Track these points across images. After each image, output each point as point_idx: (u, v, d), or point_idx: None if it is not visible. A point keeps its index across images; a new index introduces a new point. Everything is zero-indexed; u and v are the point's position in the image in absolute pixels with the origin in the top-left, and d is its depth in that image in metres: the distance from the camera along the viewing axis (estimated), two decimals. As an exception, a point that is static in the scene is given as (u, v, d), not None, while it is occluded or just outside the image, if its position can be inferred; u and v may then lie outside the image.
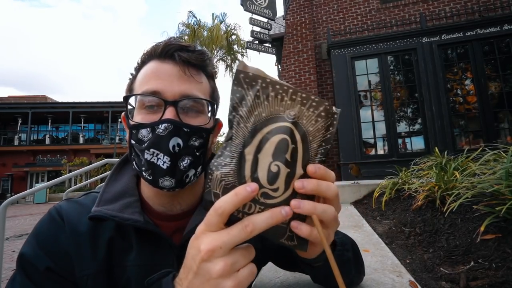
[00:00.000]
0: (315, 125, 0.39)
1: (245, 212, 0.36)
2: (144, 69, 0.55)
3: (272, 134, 0.37)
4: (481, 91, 4.88)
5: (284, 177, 0.36)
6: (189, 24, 15.05)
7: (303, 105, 0.38)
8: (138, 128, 0.51)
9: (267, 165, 0.36)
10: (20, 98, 26.40)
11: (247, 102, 0.37)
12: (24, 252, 0.50)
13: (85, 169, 3.14)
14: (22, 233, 5.86)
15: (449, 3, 5.77)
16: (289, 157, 0.37)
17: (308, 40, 6.26)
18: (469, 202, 1.37)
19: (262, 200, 0.36)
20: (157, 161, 0.49)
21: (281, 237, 0.39)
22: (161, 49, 0.54)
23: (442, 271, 1.05)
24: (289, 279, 0.84)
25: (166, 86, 0.51)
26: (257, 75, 0.37)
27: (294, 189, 0.37)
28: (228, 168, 0.36)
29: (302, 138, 0.38)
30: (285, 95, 0.37)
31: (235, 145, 0.37)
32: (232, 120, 0.37)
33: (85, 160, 17.49)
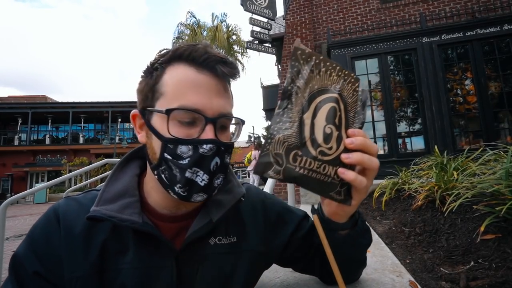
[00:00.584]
0: (352, 98, 0.48)
1: (306, 168, 0.44)
2: (176, 72, 0.51)
3: (323, 103, 0.44)
4: (481, 91, 4.88)
5: (335, 138, 0.45)
6: (188, 24, 15.05)
7: (345, 81, 0.47)
8: (177, 143, 0.49)
9: (322, 128, 0.44)
10: (20, 98, 26.40)
11: (303, 75, 0.44)
12: (17, 253, 0.51)
13: (85, 169, 3.14)
14: (22, 233, 5.86)
15: (449, 3, 5.77)
16: (337, 122, 0.45)
17: (308, 40, 6.26)
18: (469, 202, 1.37)
19: (320, 157, 0.44)
20: (195, 178, 0.49)
21: (331, 191, 0.47)
22: (202, 59, 0.50)
23: (442, 271, 1.05)
24: (289, 279, 0.84)
25: (206, 103, 0.50)
26: (312, 53, 0.44)
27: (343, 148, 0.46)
28: (290, 131, 0.43)
29: (344, 107, 0.47)
30: (333, 71, 0.46)
31: (294, 112, 0.44)
32: (291, 90, 0.44)
33: (85, 160, 17.50)
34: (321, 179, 0.45)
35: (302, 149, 0.44)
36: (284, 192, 5.47)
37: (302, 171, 0.43)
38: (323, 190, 0.47)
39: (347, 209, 0.54)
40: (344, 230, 0.58)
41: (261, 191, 0.73)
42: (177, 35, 15.14)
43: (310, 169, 0.44)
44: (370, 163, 0.47)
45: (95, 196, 0.55)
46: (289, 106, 0.44)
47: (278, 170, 0.43)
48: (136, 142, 21.28)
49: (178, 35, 15.12)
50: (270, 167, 0.43)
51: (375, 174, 0.48)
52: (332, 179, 0.46)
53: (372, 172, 0.48)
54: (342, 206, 0.52)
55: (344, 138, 0.46)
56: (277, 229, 0.67)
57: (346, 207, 0.52)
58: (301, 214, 0.71)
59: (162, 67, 0.52)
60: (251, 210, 0.65)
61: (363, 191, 0.50)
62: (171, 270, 0.52)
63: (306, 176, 0.44)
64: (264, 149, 0.43)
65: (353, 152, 0.46)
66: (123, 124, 23.63)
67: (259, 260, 0.63)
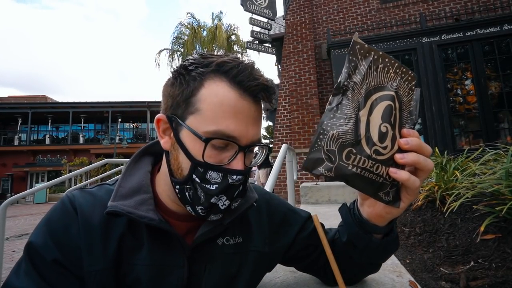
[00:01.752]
0: (408, 97, 0.46)
1: (359, 166, 0.43)
2: (216, 92, 0.47)
3: (380, 100, 0.43)
4: (481, 91, 4.88)
5: (390, 137, 0.43)
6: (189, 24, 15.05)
7: (402, 78, 0.45)
8: (208, 169, 0.48)
9: (378, 126, 0.42)
10: (20, 98, 26.38)
11: (360, 71, 0.42)
12: (33, 241, 0.49)
13: (85, 169, 3.15)
14: (22, 233, 5.86)
15: (449, 3, 5.77)
16: (392, 121, 0.43)
17: (308, 40, 6.26)
18: (469, 202, 1.37)
19: (374, 156, 0.43)
20: (217, 202, 0.49)
21: (381, 191, 0.45)
22: (248, 85, 0.47)
23: (442, 271, 1.05)
24: (289, 279, 0.84)
25: (242, 131, 0.48)
26: (370, 48, 0.43)
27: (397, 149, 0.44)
28: (346, 128, 0.42)
29: (400, 106, 0.45)
30: (391, 68, 0.44)
31: (350, 108, 0.42)
32: (347, 85, 0.43)
33: (85, 160, 17.49)
34: (372, 178, 0.44)
35: (356, 147, 0.42)
36: (284, 192, 5.47)
37: (355, 169, 0.42)
38: (373, 190, 0.45)
39: (393, 212, 0.52)
40: (379, 234, 0.57)
41: (266, 192, 0.73)
42: (177, 35, 15.15)
43: (363, 168, 0.43)
44: (426, 164, 0.45)
45: (109, 190, 0.55)
46: (344, 102, 0.43)
47: (329, 167, 0.42)
48: (136, 142, 21.38)
49: (178, 35, 15.13)
50: (321, 164, 0.42)
51: (427, 176, 0.47)
52: (384, 179, 0.45)
53: (425, 173, 0.47)
54: (389, 208, 0.50)
55: (398, 138, 0.45)
56: (281, 230, 0.67)
57: (394, 210, 0.50)
58: (305, 215, 0.71)
59: (201, 78, 0.48)
60: (257, 211, 0.65)
61: (414, 193, 0.48)
62: (183, 269, 0.52)
63: (358, 175, 0.43)
64: (315, 145, 0.42)
65: (408, 152, 0.45)
66: (123, 124, 23.60)
67: (263, 260, 0.63)
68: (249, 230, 0.62)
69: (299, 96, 5.96)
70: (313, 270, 0.73)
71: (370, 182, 0.44)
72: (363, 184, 0.44)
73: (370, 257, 0.61)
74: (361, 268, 0.66)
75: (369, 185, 0.44)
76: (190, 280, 0.53)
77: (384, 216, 0.53)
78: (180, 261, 0.53)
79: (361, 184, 0.44)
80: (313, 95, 5.89)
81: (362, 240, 0.57)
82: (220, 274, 0.56)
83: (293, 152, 3.64)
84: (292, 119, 5.93)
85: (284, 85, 6.32)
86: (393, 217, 0.54)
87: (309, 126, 5.75)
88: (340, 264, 0.66)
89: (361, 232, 0.56)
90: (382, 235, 0.57)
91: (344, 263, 0.64)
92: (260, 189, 0.73)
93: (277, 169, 2.13)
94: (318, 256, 0.68)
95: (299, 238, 0.67)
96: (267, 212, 0.67)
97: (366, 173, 0.43)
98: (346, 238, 0.60)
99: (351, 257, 0.62)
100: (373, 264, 0.66)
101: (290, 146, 3.30)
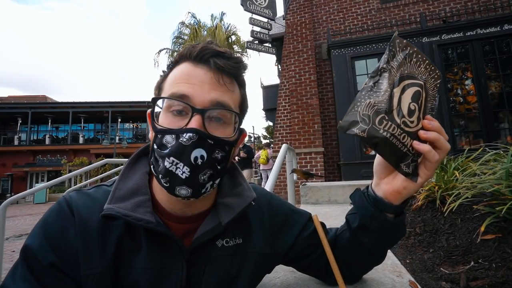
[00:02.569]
0: (432, 92, 0.54)
1: (389, 132, 0.48)
2: (176, 70, 0.54)
3: (411, 85, 0.50)
4: (481, 91, 4.88)
5: (417, 115, 0.50)
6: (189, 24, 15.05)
7: (429, 75, 0.53)
8: (164, 133, 0.49)
9: (408, 103, 0.50)
10: (20, 98, 26.37)
11: (397, 59, 0.50)
12: (29, 244, 0.48)
13: (85, 169, 3.15)
14: (22, 233, 5.86)
15: (449, 3, 5.77)
16: (420, 104, 0.51)
17: (308, 40, 6.26)
18: (469, 202, 1.37)
19: (403, 126, 0.49)
20: (175, 170, 0.47)
21: (402, 162, 0.51)
22: (196, 53, 0.52)
23: (442, 271, 1.05)
24: (289, 279, 0.84)
25: (196, 92, 0.50)
26: (408, 43, 0.51)
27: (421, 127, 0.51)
28: (382, 98, 0.49)
29: (426, 96, 0.52)
30: (422, 64, 0.52)
31: (386, 85, 0.49)
32: (385, 68, 0.50)
33: (85, 160, 17.48)
34: (398, 146, 0.49)
35: (389, 115, 0.48)
36: (284, 192, 5.47)
37: (385, 134, 0.48)
38: (396, 159, 0.50)
39: (410, 187, 0.54)
40: (391, 214, 0.58)
41: (267, 192, 0.72)
42: (177, 35, 15.15)
43: (392, 133, 0.48)
44: (444, 143, 0.51)
45: (106, 191, 0.54)
46: (381, 81, 0.49)
47: (363, 128, 0.48)
48: (136, 142, 21.36)
49: (178, 35, 15.13)
50: (356, 126, 0.48)
51: (444, 157, 0.52)
52: (408, 150, 0.50)
53: (443, 153, 0.51)
54: (407, 183, 0.53)
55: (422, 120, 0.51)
56: (282, 231, 0.66)
57: (411, 184, 0.53)
58: (306, 216, 0.71)
59: (169, 68, 0.56)
60: (257, 211, 0.64)
61: (432, 168, 0.52)
62: (181, 272, 0.52)
63: (387, 139, 0.48)
64: (352, 110, 0.49)
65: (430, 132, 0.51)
66: (123, 124, 23.60)
67: (264, 261, 0.63)
68: (250, 231, 0.62)
69: (299, 96, 5.96)
70: (314, 270, 0.73)
71: (395, 149, 0.49)
72: (389, 150, 0.50)
73: (383, 239, 0.61)
74: (369, 257, 0.66)
75: (393, 153, 0.50)
76: (189, 282, 0.53)
77: (401, 192, 0.55)
78: (178, 264, 0.52)
79: (387, 151, 0.50)
80: (313, 95, 5.89)
81: (376, 219, 0.57)
82: (219, 276, 0.55)
83: (293, 152, 3.63)
84: (292, 119, 5.92)
85: (284, 85, 6.32)
86: (409, 193, 0.55)
87: (309, 126, 5.74)
88: (346, 258, 0.65)
89: (377, 212, 0.57)
90: (395, 215, 0.58)
91: (351, 254, 0.64)
92: (261, 190, 0.72)
93: (277, 169, 2.13)
94: (318, 256, 0.67)
95: (300, 238, 0.67)
96: (268, 212, 0.66)
97: (394, 139, 0.49)
98: (358, 223, 0.60)
99: (362, 243, 0.61)
100: (381, 249, 0.66)
101: (290, 146, 3.30)
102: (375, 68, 0.51)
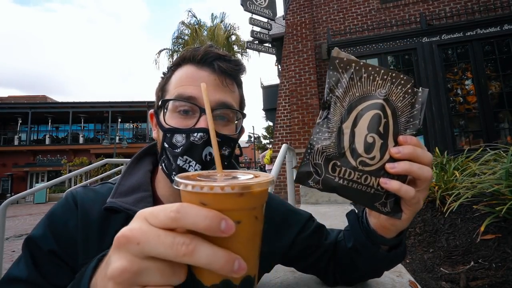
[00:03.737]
0: (403, 101, 0.44)
1: (345, 178, 0.42)
2: (180, 72, 0.56)
3: (366, 110, 0.42)
4: (481, 91, 4.88)
5: (379, 147, 0.42)
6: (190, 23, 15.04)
7: (392, 84, 0.43)
8: (173, 132, 0.52)
9: (363, 137, 0.42)
10: (20, 98, 26.37)
11: (342, 84, 0.43)
12: (33, 234, 0.51)
13: (85, 169, 3.15)
14: (22, 233, 5.85)
15: (449, 3, 5.76)
16: (382, 130, 0.42)
17: (308, 40, 6.26)
18: (469, 202, 1.37)
19: (361, 167, 0.42)
20: (188, 168, 0.51)
21: (376, 201, 0.44)
22: (200, 56, 0.55)
23: (442, 271, 1.05)
24: (289, 279, 0.84)
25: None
26: (351, 60, 0.43)
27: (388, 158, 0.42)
28: (329, 142, 0.43)
29: (392, 113, 0.43)
30: (377, 76, 0.43)
31: (333, 122, 0.43)
32: (330, 100, 0.43)
33: (85, 160, 17.48)
34: (363, 189, 0.43)
35: (341, 159, 0.42)
36: (284, 192, 5.47)
37: (341, 181, 0.42)
38: (367, 201, 0.44)
39: (397, 224, 0.48)
40: (385, 246, 0.54)
41: None
42: (177, 35, 15.14)
43: (350, 179, 0.42)
44: (420, 173, 0.42)
45: (110, 188, 0.57)
46: (329, 116, 0.43)
47: (317, 180, 0.43)
48: (136, 142, 21.35)
49: (178, 35, 15.12)
50: (310, 177, 0.43)
51: (427, 185, 0.44)
52: (376, 190, 0.43)
53: (423, 183, 0.43)
54: (392, 220, 0.47)
55: (390, 146, 0.43)
56: (281, 231, 0.67)
57: (397, 221, 0.47)
58: (306, 216, 0.71)
59: (171, 70, 0.58)
60: None
61: (413, 203, 0.44)
62: None
63: (346, 186, 0.43)
64: (305, 159, 0.44)
65: (400, 161, 0.42)
66: (123, 124, 23.60)
67: (262, 260, 0.63)
68: None
69: (299, 96, 5.96)
70: (314, 271, 0.73)
71: (360, 193, 0.43)
72: (353, 196, 0.44)
73: (374, 267, 0.61)
74: (364, 273, 0.66)
75: (360, 196, 0.43)
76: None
77: (389, 227, 0.50)
78: None
79: (352, 196, 0.44)
80: (313, 95, 5.89)
81: (368, 250, 0.55)
82: None
83: (293, 152, 3.63)
84: (292, 119, 5.92)
85: (284, 85, 6.32)
86: (398, 229, 0.51)
87: (309, 126, 5.75)
88: (342, 267, 0.66)
89: (368, 243, 0.54)
90: (389, 247, 0.55)
91: (347, 266, 0.64)
92: None
93: (277, 169, 2.13)
94: (319, 257, 0.67)
95: (299, 238, 0.67)
96: (267, 211, 0.66)
97: (354, 184, 0.43)
98: (352, 244, 0.59)
99: (355, 263, 0.61)
100: (376, 271, 0.66)
101: (290, 146, 3.30)
102: (322, 100, 0.44)
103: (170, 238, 0.24)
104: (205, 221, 0.23)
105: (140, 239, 0.24)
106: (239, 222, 0.26)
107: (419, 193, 0.43)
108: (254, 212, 0.28)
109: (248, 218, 0.27)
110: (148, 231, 0.25)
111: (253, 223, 0.28)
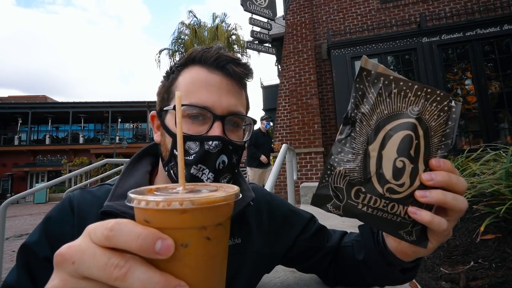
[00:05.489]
0: (437, 120, 0.38)
1: (370, 206, 0.38)
2: (188, 74, 0.53)
3: (395, 131, 0.38)
4: (481, 91, 4.88)
5: (409, 172, 0.37)
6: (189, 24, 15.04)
7: (427, 100, 0.38)
8: (186, 139, 0.49)
9: (392, 161, 0.37)
10: (20, 98, 26.37)
11: (369, 100, 0.38)
12: (28, 241, 0.50)
13: (85, 169, 3.15)
14: (22, 233, 5.86)
15: (449, 3, 5.76)
16: (413, 153, 0.37)
17: (308, 40, 6.26)
18: (469, 202, 1.37)
19: (387, 195, 0.38)
20: (201, 176, 0.49)
21: (401, 230, 0.40)
22: (213, 59, 0.52)
23: (442, 271, 1.05)
24: (289, 279, 0.84)
25: (215, 100, 0.51)
26: (380, 73, 0.38)
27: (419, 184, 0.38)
28: (353, 165, 0.38)
29: (425, 133, 0.38)
30: (409, 92, 0.38)
31: (358, 143, 0.39)
32: (355, 117, 0.39)
33: (85, 160, 17.47)
34: (388, 218, 0.39)
35: (366, 185, 0.38)
36: (284, 192, 5.47)
37: (365, 209, 0.39)
38: (391, 229, 0.40)
39: (420, 251, 0.45)
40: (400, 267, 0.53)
41: (267, 192, 0.72)
42: (177, 35, 15.14)
43: (375, 207, 0.38)
44: (455, 204, 0.37)
45: (109, 190, 0.56)
46: (353, 135, 0.39)
47: (337, 205, 0.40)
48: (136, 142, 21.35)
49: (178, 35, 15.11)
50: (329, 201, 0.40)
51: (460, 216, 0.39)
52: (402, 218, 0.39)
53: (456, 214, 0.39)
54: (415, 248, 0.43)
55: (421, 171, 0.38)
56: (282, 232, 0.66)
57: (421, 250, 0.43)
58: (307, 216, 0.70)
59: (177, 70, 0.55)
60: (257, 211, 0.64)
61: (443, 234, 0.40)
62: None
63: (370, 214, 0.39)
64: (323, 181, 0.40)
65: (433, 189, 0.37)
66: (123, 124, 23.60)
67: (262, 261, 0.63)
68: (249, 231, 0.62)
69: (299, 96, 5.96)
70: (314, 271, 0.73)
71: (385, 221, 0.39)
72: (378, 223, 0.40)
73: (383, 282, 0.59)
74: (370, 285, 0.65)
75: (385, 224, 0.40)
76: None
77: (410, 254, 0.48)
78: None
79: (376, 223, 0.40)
80: (313, 95, 5.89)
81: (381, 269, 0.53)
82: None
83: (293, 152, 3.63)
84: (292, 119, 5.92)
85: (284, 85, 6.32)
86: (420, 256, 0.48)
87: (309, 126, 5.74)
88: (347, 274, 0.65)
89: (382, 262, 0.52)
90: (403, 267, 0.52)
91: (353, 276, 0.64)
92: (261, 190, 0.72)
93: (277, 169, 2.13)
94: (320, 259, 0.67)
95: (300, 239, 0.66)
96: (267, 212, 0.66)
97: (379, 212, 0.39)
98: (363, 257, 0.57)
99: (363, 276, 0.60)
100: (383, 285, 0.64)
101: (290, 146, 3.30)
102: (345, 113, 0.40)
103: (105, 259, 0.22)
104: (137, 241, 0.21)
105: (75, 258, 0.23)
106: (186, 243, 0.23)
107: (450, 223, 0.39)
108: (205, 232, 0.24)
109: (196, 238, 0.23)
110: (86, 249, 0.23)
111: (203, 244, 0.24)
